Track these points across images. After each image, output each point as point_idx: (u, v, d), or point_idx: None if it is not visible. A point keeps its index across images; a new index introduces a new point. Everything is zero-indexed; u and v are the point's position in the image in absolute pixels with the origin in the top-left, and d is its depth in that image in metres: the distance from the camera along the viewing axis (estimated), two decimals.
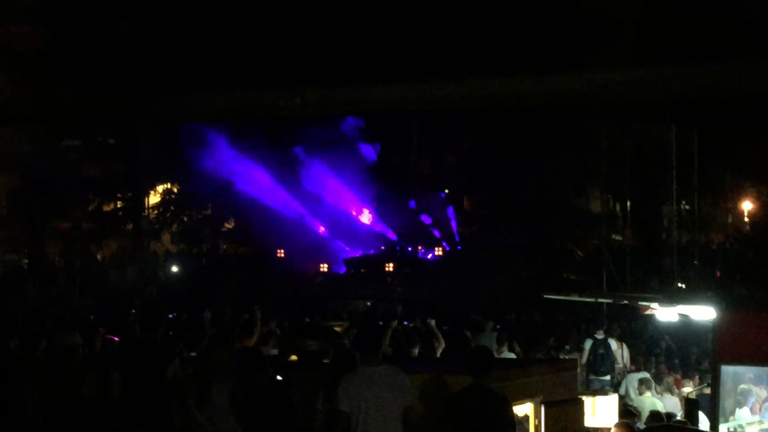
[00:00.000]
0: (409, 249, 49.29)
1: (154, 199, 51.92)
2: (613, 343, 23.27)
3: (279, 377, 11.33)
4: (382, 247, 49.40)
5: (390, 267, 46.81)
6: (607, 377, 22.25)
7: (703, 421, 14.39)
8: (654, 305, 17.83)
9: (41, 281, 43.66)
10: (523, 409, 12.37)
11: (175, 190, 51.44)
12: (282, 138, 47.35)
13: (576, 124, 43.63)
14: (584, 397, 14.27)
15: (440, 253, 48.85)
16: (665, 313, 17.42)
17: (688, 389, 19.22)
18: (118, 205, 50.78)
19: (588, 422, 14.15)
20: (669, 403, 18.84)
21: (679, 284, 32.97)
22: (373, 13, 44.56)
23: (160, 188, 51.57)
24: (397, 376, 10.32)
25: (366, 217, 50.28)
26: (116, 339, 17.21)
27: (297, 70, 40.29)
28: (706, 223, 45.96)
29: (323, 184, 49.00)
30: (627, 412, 15.78)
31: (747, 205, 50.18)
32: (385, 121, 46.56)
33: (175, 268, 48.54)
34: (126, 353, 11.45)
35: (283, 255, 47.95)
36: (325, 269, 47.61)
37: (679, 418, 15.92)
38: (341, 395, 10.13)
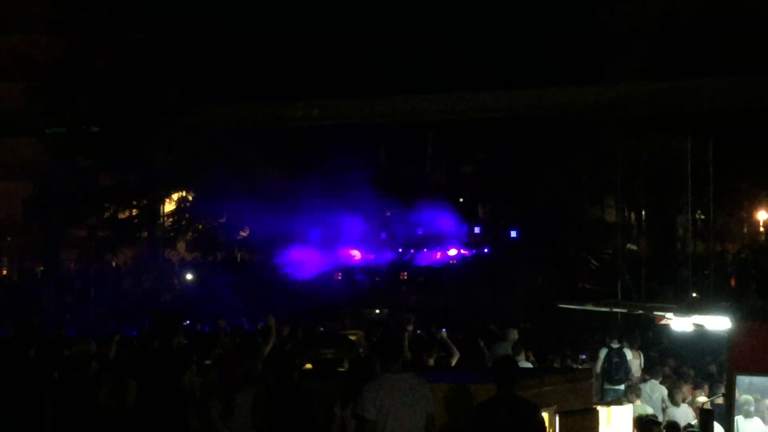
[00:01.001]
0: (422, 258, 49.24)
1: (169, 206, 51.98)
2: (629, 353, 23.23)
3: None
4: (396, 255, 49.33)
5: (404, 276, 46.80)
6: (622, 386, 22.19)
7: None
8: (669, 315, 17.79)
9: (56, 289, 43.76)
10: None
11: (190, 198, 51.50)
12: (292, 145, 47.28)
13: (592, 134, 43.62)
14: (599, 407, 14.26)
15: (454, 261, 48.82)
16: (680, 323, 17.39)
17: (702, 399, 19.19)
18: (133, 213, 50.84)
19: None
20: (682, 413, 18.83)
21: (694, 294, 32.90)
22: (393, 24, 44.60)
23: (175, 196, 51.64)
24: (420, 383, 10.43)
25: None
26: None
27: (315, 80, 40.32)
28: (722, 233, 45.87)
29: (333, 192, 48.97)
30: (649, 422, 15.77)
31: (762, 215, 50.02)
32: (395, 128, 46.46)
33: (189, 276, 48.61)
34: (142, 361, 11.43)
35: (298, 263, 47.94)
36: (340, 277, 47.58)
37: (694, 428, 15.93)
38: (367, 402, 10.17)
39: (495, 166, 50.90)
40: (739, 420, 14.19)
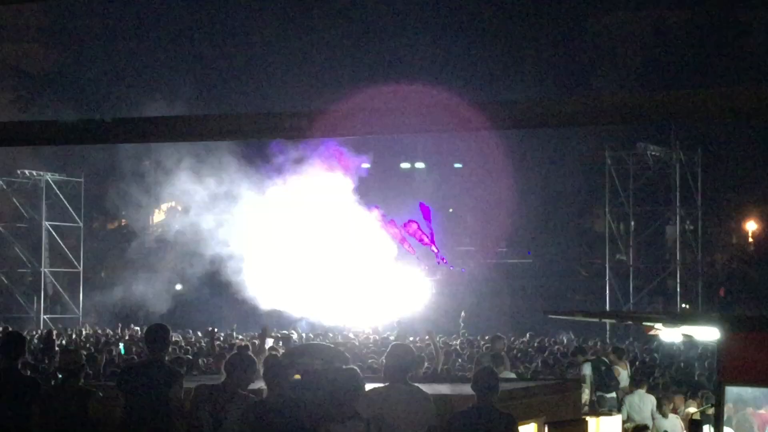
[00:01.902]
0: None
1: (158, 217, 51.92)
2: (617, 363, 23.16)
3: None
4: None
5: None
6: (614, 394, 22.14)
7: None
8: (658, 326, 17.80)
9: (45, 299, 43.66)
10: (527, 430, 12.35)
11: (180, 208, 51.37)
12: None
13: (581, 144, 43.74)
14: (588, 418, 14.25)
15: (444, 271, 48.78)
16: (669, 334, 17.39)
17: (691, 410, 19.20)
18: (123, 223, 50.74)
19: None
20: (671, 424, 18.84)
21: (683, 304, 32.99)
22: (381, 32, 44.70)
23: (164, 206, 51.56)
24: (423, 396, 10.48)
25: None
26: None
27: (303, 91, 40.40)
28: (710, 243, 45.96)
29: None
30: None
31: (751, 225, 50.14)
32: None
33: (179, 287, 48.52)
34: (130, 373, 11.39)
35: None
36: None
37: None
38: (367, 404, 10.22)
39: (485, 173, 50.95)
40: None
